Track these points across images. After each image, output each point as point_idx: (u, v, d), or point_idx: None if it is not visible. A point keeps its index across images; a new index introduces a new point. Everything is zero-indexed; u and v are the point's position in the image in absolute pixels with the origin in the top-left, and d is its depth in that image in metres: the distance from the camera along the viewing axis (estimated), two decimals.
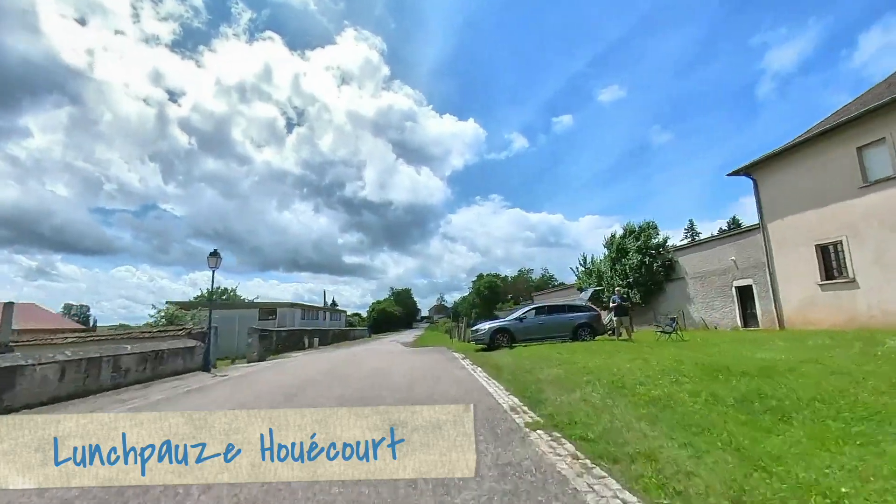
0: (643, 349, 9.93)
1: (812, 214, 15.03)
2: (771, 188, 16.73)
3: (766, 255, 16.82)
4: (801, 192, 15.42)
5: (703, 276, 20.22)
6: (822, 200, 14.69)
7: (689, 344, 11.15)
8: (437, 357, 13.41)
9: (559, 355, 9.63)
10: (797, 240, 15.59)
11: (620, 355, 8.88)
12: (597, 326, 13.60)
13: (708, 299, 19.98)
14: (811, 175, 15.12)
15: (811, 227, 15.06)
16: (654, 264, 22.88)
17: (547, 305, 14.55)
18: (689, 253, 21.18)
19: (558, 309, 14.27)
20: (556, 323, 13.62)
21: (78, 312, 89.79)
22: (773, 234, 16.59)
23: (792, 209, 15.79)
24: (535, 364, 8.76)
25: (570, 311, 13.97)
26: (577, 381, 6.53)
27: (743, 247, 18.12)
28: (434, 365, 10.81)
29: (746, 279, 17.94)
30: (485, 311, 56.65)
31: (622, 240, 25.58)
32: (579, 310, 14.07)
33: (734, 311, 18.56)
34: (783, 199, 16.15)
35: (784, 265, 16.14)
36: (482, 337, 13.57)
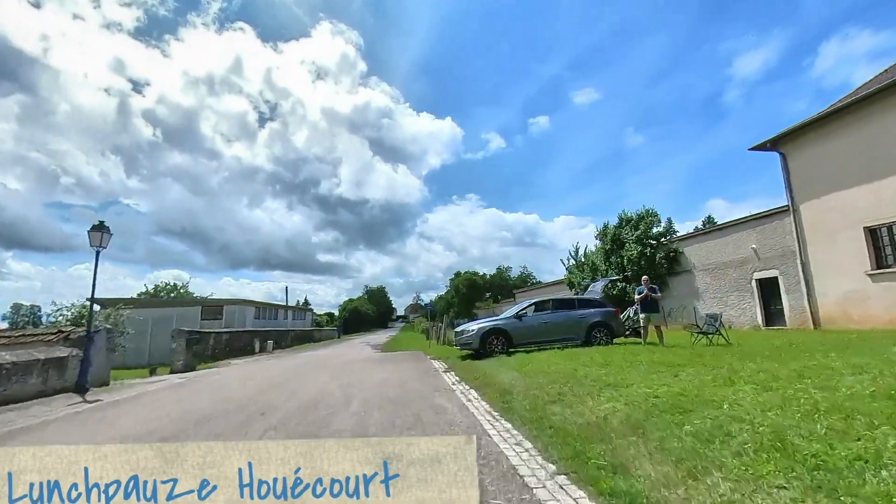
0: (708, 358, 7.00)
1: (860, 192, 12.66)
2: (803, 164, 14.33)
3: (797, 241, 14.42)
4: (846, 167, 13.04)
5: (715, 268, 17.79)
6: (873, 174, 12.32)
7: (748, 350, 8.34)
8: (411, 369, 10.15)
9: (589, 370, 6.58)
10: (838, 223, 13.20)
11: (693, 370, 5.89)
12: (615, 326, 10.82)
13: (721, 294, 17.56)
14: (859, 145, 12.75)
15: (858, 206, 12.68)
16: (657, 255, 20.39)
17: (552, 300, 11.40)
18: (698, 242, 18.75)
19: (566, 304, 11.25)
20: (564, 322, 10.64)
21: (28, 313, 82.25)
22: (807, 216, 14.19)
23: (832, 187, 13.40)
24: (562, 387, 5.66)
25: (581, 307, 10.97)
26: (677, 430, 3.43)
27: (766, 233, 15.71)
28: (408, 385, 7.56)
29: (770, 270, 15.54)
30: (463, 309, 53.68)
31: (618, 230, 23.05)
32: (592, 305, 11.09)
33: (754, 307, 16.16)
34: (820, 176, 13.75)
35: (820, 253, 13.75)
36: (470, 340, 10.46)
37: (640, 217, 22.31)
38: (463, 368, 9.02)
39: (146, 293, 42.55)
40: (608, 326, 10.69)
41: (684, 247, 19.52)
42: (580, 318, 10.69)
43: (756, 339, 10.57)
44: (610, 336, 10.65)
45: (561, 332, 10.57)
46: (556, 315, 10.78)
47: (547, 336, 10.51)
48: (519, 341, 10.43)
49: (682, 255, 19.57)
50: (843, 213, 13.07)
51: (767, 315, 15.82)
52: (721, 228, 17.52)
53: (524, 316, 10.76)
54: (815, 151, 14.00)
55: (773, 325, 15.46)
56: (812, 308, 13.97)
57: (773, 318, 15.54)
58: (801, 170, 14.40)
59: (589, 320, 10.65)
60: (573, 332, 10.61)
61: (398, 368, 10.29)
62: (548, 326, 10.55)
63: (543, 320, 10.66)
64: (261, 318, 29.23)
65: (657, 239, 21.15)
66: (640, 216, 22.36)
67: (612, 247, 23.10)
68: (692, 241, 19.10)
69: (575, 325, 10.65)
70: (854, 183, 12.84)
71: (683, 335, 12.95)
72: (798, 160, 14.53)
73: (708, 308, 18.08)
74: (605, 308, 11.03)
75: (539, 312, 10.95)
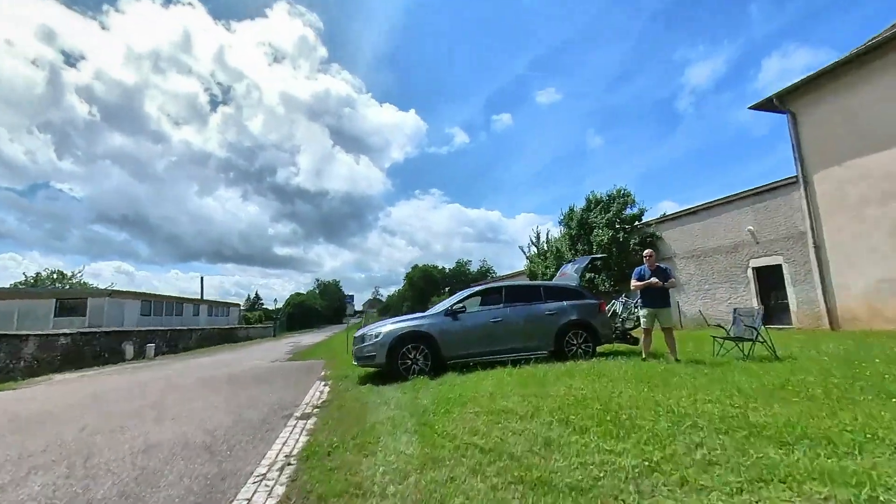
0: (820, 398, 3.39)
1: (894, 154, 9.84)
2: (818, 124, 11.45)
3: (808, 220, 11.56)
4: (875, 124, 10.20)
5: (701, 254, 14.87)
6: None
7: (820, 368, 4.93)
8: (260, 404, 6.01)
9: (584, 436, 2.79)
10: (866, 195, 10.37)
11: (814, 422, 2.22)
12: (599, 327, 7.23)
13: (708, 286, 14.66)
14: (893, 95, 9.92)
15: (893, 172, 9.87)
16: (630, 241, 17.35)
17: (505, 287, 7.31)
18: (680, 225, 15.78)
19: (526, 294, 7.34)
20: (524, 321, 6.91)
21: None
22: (823, 189, 11.34)
23: (857, 150, 10.55)
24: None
25: (550, 298, 7.20)
26: None
27: (766, 212, 12.84)
28: (192, 460, 3.47)
29: (772, 256, 12.69)
30: (417, 304, 49.71)
31: (585, 213, 19.91)
32: (565, 295, 7.29)
33: (749, 301, 13.30)
34: (840, 138, 10.89)
35: (840, 234, 10.92)
36: (372, 352, 6.43)
37: (611, 198, 19.23)
38: (342, 407, 5.03)
39: (25, 282, 34.98)
40: (590, 328, 7.05)
41: (663, 230, 16.54)
42: (548, 316, 6.98)
43: (795, 347, 7.34)
44: (593, 343, 7.01)
45: (518, 338, 6.81)
46: (512, 311, 6.99)
47: (497, 344, 6.72)
48: (451, 353, 6.58)
49: (661, 240, 16.60)
50: (873, 183, 10.23)
51: (767, 311, 12.94)
52: (708, 208, 14.59)
53: (461, 312, 6.86)
54: (833, 108, 11.13)
55: (773, 323, 12.60)
56: (828, 303, 11.14)
57: (774, 316, 12.69)
58: (816, 131, 11.51)
59: (560, 319, 6.96)
60: (537, 336, 6.89)
61: (241, 401, 6.09)
62: (498, 328, 6.75)
63: (492, 318, 6.84)
64: (153, 314, 23.64)
65: (631, 222, 18.14)
66: (611, 197, 19.28)
67: (579, 232, 19.95)
68: (673, 223, 16.12)
69: (540, 325, 6.93)
70: (886, 144, 10.01)
71: (689, 337, 9.69)
72: (811, 120, 11.64)
73: (692, 302, 15.16)
74: (584, 300, 7.38)
75: (486, 306, 7.11)
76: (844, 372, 4.74)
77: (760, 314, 6.20)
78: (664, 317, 6.18)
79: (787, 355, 6.23)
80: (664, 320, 6.17)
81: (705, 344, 8.21)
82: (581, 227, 19.88)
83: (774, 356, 6.08)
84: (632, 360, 6.46)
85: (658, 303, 6.20)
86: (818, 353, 6.42)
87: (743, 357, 6.08)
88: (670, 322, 6.24)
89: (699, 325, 14.59)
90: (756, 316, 6.26)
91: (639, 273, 6.40)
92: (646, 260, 6.41)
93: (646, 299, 6.30)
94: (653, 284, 6.09)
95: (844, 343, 7.76)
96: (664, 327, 6.16)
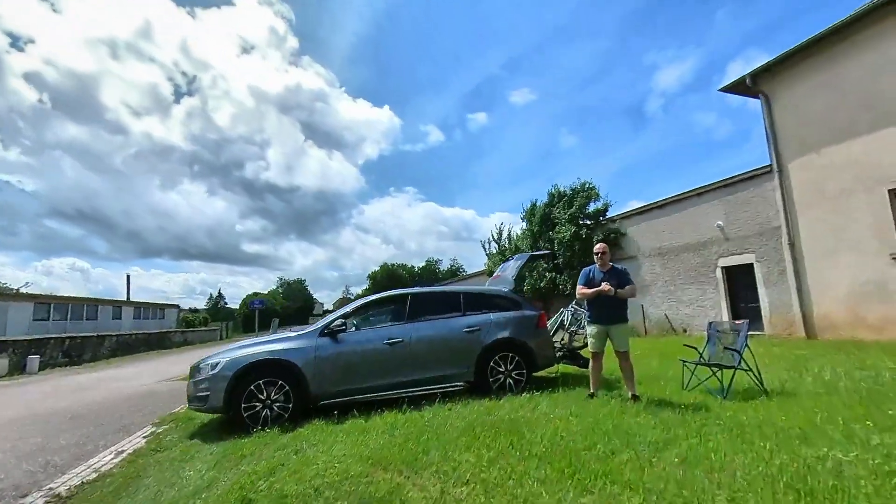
0: None
1: (882, 140, 8.64)
2: (794, 106, 10.21)
3: (782, 213, 10.32)
4: (858, 107, 9.00)
5: (668, 252, 13.56)
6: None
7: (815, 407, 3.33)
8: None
9: None
10: (848, 185, 9.16)
11: None
12: (536, 348, 5.38)
13: (674, 287, 13.36)
14: (879, 75, 8.72)
15: (879, 161, 8.67)
16: (594, 238, 15.91)
17: (411, 295, 5.40)
18: (647, 220, 14.44)
19: (439, 303, 5.52)
20: (431, 343, 5.07)
21: None
22: (799, 178, 10.11)
23: (838, 135, 9.34)
24: None
25: (472, 310, 5.36)
26: None
27: (737, 205, 11.58)
28: None
29: (742, 255, 11.43)
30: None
31: (548, 208, 18.48)
32: (492, 305, 5.51)
33: (719, 304, 12.04)
34: (820, 122, 9.67)
35: (818, 229, 9.70)
36: (207, 391, 4.34)
37: (574, 192, 17.79)
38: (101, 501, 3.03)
39: None
40: (524, 350, 5.28)
41: (629, 226, 15.19)
42: (467, 334, 5.15)
43: (779, 366, 5.83)
44: (527, 370, 5.24)
45: (425, 366, 4.95)
46: (417, 328, 5.08)
47: (393, 375, 4.84)
48: (326, 389, 4.63)
49: (626, 236, 15.24)
50: (856, 172, 9.02)
51: (736, 315, 11.74)
52: (677, 201, 13.27)
53: (340, 330, 4.83)
54: (812, 87, 9.89)
55: None
56: (804, 307, 9.91)
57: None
58: (792, 115, 10.27)
59: (484, 338, 5.16)
60: (451, 362, 5.05)
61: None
62: (396, 353, 4.87)
63: (388, 340, 4.92)
64: (52, 319, 20.44)
65: (595, 217, 16.77)
66: (574, 191, 17.84)
67: (540, 228, 18.49)
68: (639, 218, 14.77)
69: (455, 347, 5.11)
70: (871, 128, 8.81)
71: (653, 348, 8.11)
72: (787, 102, 10.39)
73: (657, 305, 13.83)
74: (519, 311, 5.56)
75: (378, 325, 5.26)
76: (880, 421, 3.14)
77: (745, 332, 4.59)
78: (619, 337, 4.47)
79: (778, 387, 4.65)
80: (619, 341, 4.46)
81: (672, 363, 6.65)
82: (543, 223, 18.45)
83: (762, 389, 4.49)
84: (574, 395, 4.74)
85: (611, 317, 4.49)
86: (814, 381, 4.89)
87: (721, 390, 4.45)
88: (626, 344, 4.47)
89: (665, 330, 13.28)
90: (739, 334, 4.65)
91: (586, 275, 4.67)
92: (597, 258, 4.68)
93: (595, 312, 4.58)
94: (604, 291, 4.38)
95: (833, 359, 6.36)
96: (619, 351, 4.46)
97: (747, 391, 4.53)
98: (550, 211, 18.19)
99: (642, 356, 8.28)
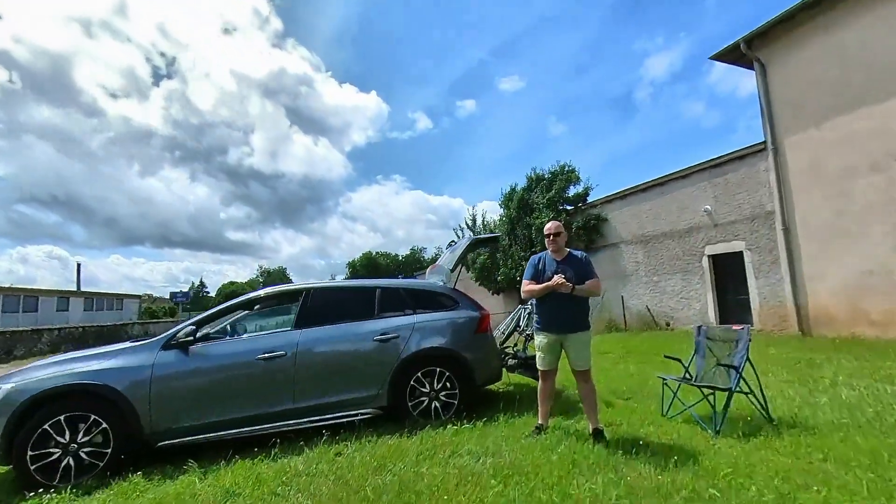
0: None
1: (891, 111, 7.54)
2: (794, 75, 9.06)
3: (777, 196, 9.24)
4: (868, 70, 7.87)
5: (651, 239, 12.47)
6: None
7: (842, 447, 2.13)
8: None
9: None
10: (850, 163, 8.09)
11: None
12: (474, 361, 4.02)
13: (657, 277, 12.31)
14: (893, 38, 7.59)
15: (887, 134, 7.59)
16: (574, 224, 14.79)
17: (307, 290, 3.95)
18: (629, 205, 13.30)
19: (344, 303, 4.10)
20: (328, 357, 3.73)
21: None
22: (795, 157, 9.01)
23: (842, 106, 8.22)
24: None
25: (387, 311, 4.03)
26: None
27: (727, 188, 10.47)
28: None
29: (731, 242, 10.37)
30: None
31: (526, 193, 17.31)
32: (419, 305, 4.13)
33: (704, 296, 11.01)
34: (821, 92, 8.54)
35: (816, 213, 8.65)
36: None
37: (554, 175, 16.59)
38: None
39: None
40: (457, 362, 4.02)
41: (610, 212, 14.04)
42: (378, 344, 3.87)
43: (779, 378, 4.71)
44: (460, 390, 3.98)
45: (318, 388, 3.66)
46: (303, 337, 3.73)
47: (268, 403, 3.53)
48: (167, 426, 3.31)
49: (607, 222, 14.11)
50: (861, 147, 7.94)
51: (723, 308, 10.74)
52: (661, 183, 12.12)
53: (191, 342, 3.47)
54: (812, 54, 8.73)
55: (731, 322, 10.36)
56: (798, 300, 8.90)
57: (733, 314, 10.46)
58: (790, 85, 9.12)
59: (402, 348, 3.89)
60: (356, 382, 3.78)
61: None
62: (274, 372, 3.56)
63: (265, 353, 3.56)
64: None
65: (575, 202, 15.63)
66: (554, 174, 16.64)
67: (518, 214, 17.31)
68: (621, 203, 13.62)
69: (361, 361, 3.85)
70: (880, 97, 7.70)
71: (632, 348, 6.90)
72: (785, 70, 9.23)
73: (639, 297, 12.79)
74: (452, 311, 4.23)
75: (263, 331, 4.03)
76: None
77: (745, 341, 3.39)
78: (577, 350, 3.23)
79: (786, 414, 3.50)
80: (577, 356, 3.23)
81: (652, 365, 5.51)
82: (521, 208, 17.26)
83: (767, 417, 3.32)
84: (519, 424, 3.54)
85: (566, 323, 3.24)
86: (831, 402, 3.76)
87: (713, 419, 3.27)
88: (586, 360, 3.24)
89: (646, 324, 12.25)
90: (737, 344, 3.46)
91: (534, 266, 3.41)
92: (548, 242, 3.43)
93: (545, 316, 3.33)
94: (557, 287, 3.14)
95: (842, 365, 5.29)
96: (577, 370, 3.24)
97: (747, 420, 3.37)
98: (529, 196, 17.04)
99: (619, 356, 7.17)
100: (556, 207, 15.67)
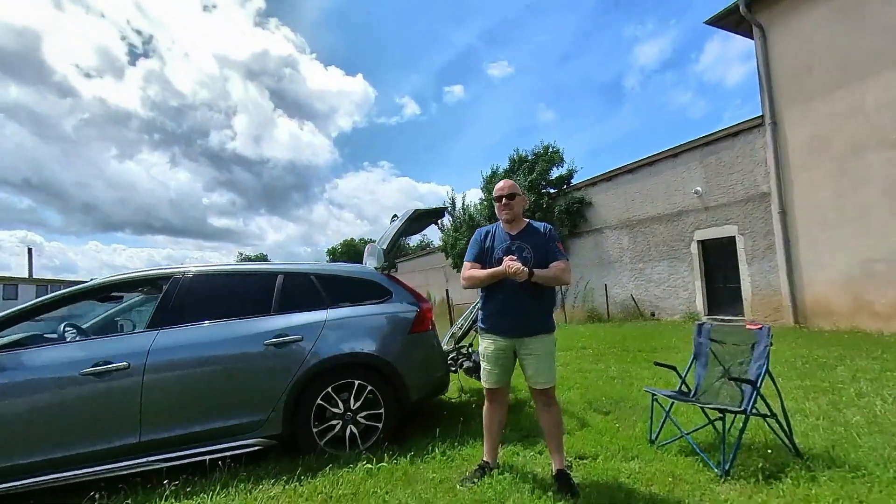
0: None
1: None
2: (797, 41, 8.17)
3: (773, 176, 8.44)
4: (878, 39, 7.01)
5: (637, 224, 11.64)
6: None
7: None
8: None
9: None
10: (856, 138, 7.28)
11: None
12: (411, 373, 3.00)
13: (643, 265, 11.52)
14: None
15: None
16: (557, 208, 13.91)
17: (174, 277, 2.86)
18: (614, 188, 12.42)
19: (227, 291, 3.01)
20: (193, 369, 2.62)
21: None
22: (795, 132, 8.18)
23: (849, 76, 7.37)
24: None
25: (293, 304, 2.93)
26: None
27: (719, 167, 9.64)
28: None
29: (723, 226, 9.59)
30: None
31: (508, 175, 16.34)
32: (335, 296, 3.04)
33: (692, 284, 10.27)
34: (828, 60, 7.67)
35: (817, 194, 7.86)
36: None
37: (536, 156, 15.61)
38: None
39: None
40: (384, 372, 2.95)
41: (594, 194, 13.15)
42: (271, 350, 2.74)
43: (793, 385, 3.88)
44: (386, 411, 3.00)
45: (179, 413, 2.60)
46: (159, 341, 2.63)
47: (104, 437, 2.45)
48: None
49: (591, 206, 13.23)
50: (871, 121, 7.12)
51: (712, 297, 10.02)
52: (650, 163, 11.23)
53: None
54: (818, 16, 7.84)
55: (721, 312, 9.67)
56: (794, 290, 8.18)
57: (723, 304, 9.75)
58: (793, 52, 8.23)
59: (307, 355, 2.78)
60: (235, 403, 2.69)
61: None
62: (110, 393, 2.46)
63: (92, 364, 2.46)
64: None
65: (559, 184, 14.72)
66: (536, 155, 15.66)
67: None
68: (606, 185, 12.73)
69: (244, 375, 2.73)
70: (894, 65, 6.86)
71: (617, 344, 6.00)
72: (786, 35, 8.33)
73: (624, 285, 12.01)
74: (379, 303, 3.16)
75: (104, 334, 2.98)
76: None
77: (766, 344, 2.49)
78: (536, 362, 2.28)
79: (817, 443, 2.62)
80: (536, 369, 2.27)
81: (637, 367, 4.65)
82: None
83: (792, 450, 2.43)
84: (459, 461, 2.59)
85: (521, 324, 2.28)
86: (865, 424, 2.91)
87: (722, 458, 2.36)
88: (549, 374, 2.29)
89: (630, 314, 11.49)
90: (755, 348, 2.55)
91: (478, 243, 2.44)
92: (499, 209, 2.45)
93: (492, 311, 2.38)
94: (509, 274, 2.18)
95: (858, 364, 4.51)
96: (536, 388, 2.30)
97: (765, 451, 2.48)
98: (511, 178, 16.06)
99: (600, 353, 6.30)
100: (539, 190, 14.76)
